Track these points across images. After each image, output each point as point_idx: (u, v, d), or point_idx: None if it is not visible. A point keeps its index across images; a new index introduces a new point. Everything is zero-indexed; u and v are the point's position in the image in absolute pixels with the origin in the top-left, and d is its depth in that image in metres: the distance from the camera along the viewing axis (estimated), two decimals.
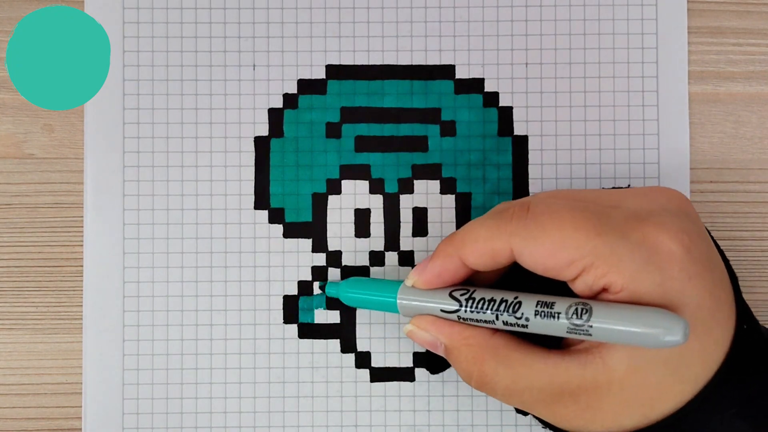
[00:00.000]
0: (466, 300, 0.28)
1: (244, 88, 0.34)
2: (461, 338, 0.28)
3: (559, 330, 0.26)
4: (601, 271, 0.25)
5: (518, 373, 0.26)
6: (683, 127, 0.34)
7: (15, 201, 0.34)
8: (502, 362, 0.27)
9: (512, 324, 0.27)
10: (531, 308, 0.26)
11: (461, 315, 0.28)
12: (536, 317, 0.26)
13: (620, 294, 0.25)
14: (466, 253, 0.27)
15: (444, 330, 0.28)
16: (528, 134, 0.34)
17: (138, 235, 0.33)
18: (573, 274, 0.26)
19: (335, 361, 0.33)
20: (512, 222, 0.26)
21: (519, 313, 0.26)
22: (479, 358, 0.27)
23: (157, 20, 0.34)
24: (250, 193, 0.33)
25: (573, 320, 0.25)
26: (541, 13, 0.34)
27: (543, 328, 0.26)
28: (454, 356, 0.28)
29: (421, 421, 0.33)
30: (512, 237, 0.26)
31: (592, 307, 0.25)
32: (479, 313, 0.27)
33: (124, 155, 0.33)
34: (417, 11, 0.34)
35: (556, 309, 0.26)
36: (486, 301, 0.27)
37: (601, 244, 0.25)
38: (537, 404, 0.27)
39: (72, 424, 0.33)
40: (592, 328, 0.25)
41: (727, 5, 0.34)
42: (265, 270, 0.33)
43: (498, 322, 0.27)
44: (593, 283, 0.25)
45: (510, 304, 0.27)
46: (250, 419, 0.33)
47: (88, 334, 0.33)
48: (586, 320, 0.25)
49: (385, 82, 0.34)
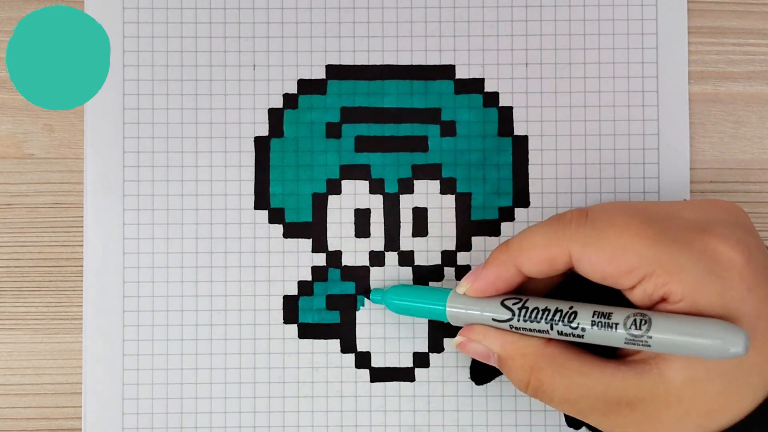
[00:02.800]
0: (519, 309, 0.27)
1: (244, 88, 0.34)
2: (515, 348, 0.27)
3: (616, 341, 0.25)
4: (662, 280, 0.25)
5: (575, 381, 0.26)
6: (683, 127, 0.34)
7: (15, 201, 0.34)
8: (559, 371, 0.26)
9: (567, 334, 0.26)
10: (587, 318, 0.26)
11: (513, 324, 0.27)
12: (593, 327, 0.26)
13: (679, 304, 0.25)
14: (523, 260, 0.27)
15: (497, 340, 0.28)
16: (528, 134, 0.34)
17: (138, 235, 0.33)
18: (632, 282, 0.25)
19: (335, 361, 0.33)
20: (571, 228, 0.26)
21: (575, 323, 0.26)
22: (535, 367, 0.27)
23: (157, 20, 0.34)
24: (250, 193, 0.33)
25: (631, 331, 0.25)
26: (541, 13, 0.34)
27: (599, 339, 0.26)
28: (509, 366, 0.28)
29: (421, 421, 0.33)
30: (571, 243, 0.26)
31: (651, 318, 0.25)
32: (533, 322, 0.27)
33: (124, 155, 0.33)
34: (417, 11, 0.34)
35: (613, 319, 0.25)
36: (540, 311, 0.27)
37: (662, 252, 0.25)
38: (593, 413, 0.26)
39: (72, 424, 0.33)
40: (651, 339, 0.24)
41: (727, 5, 0.34)
42: (265, 270, 0.33)
43: (552, 332, 0.27)
44: (653, 292, 0.25)
45: (565, 314, 0.26)
46: (250, 419, 0.33)
47: (88, 334, 0.33)
48: (646, 331, 0.24)
49: (385, 82, 0.34)
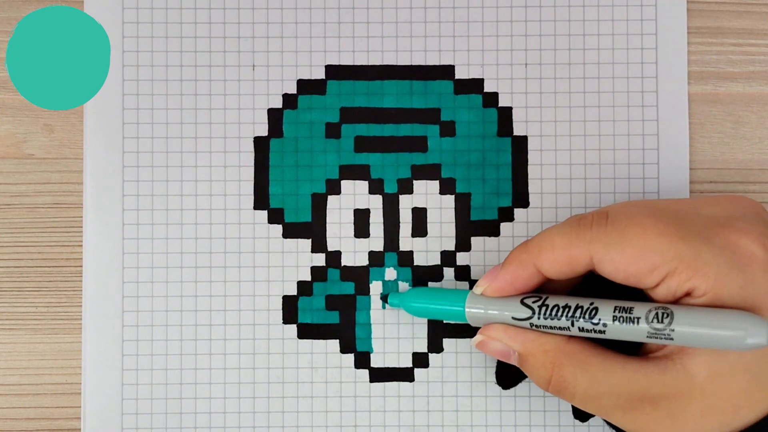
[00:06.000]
0: (539, 307, 0.27)
1: (244, 88, 0.34)
2: (536, 345, 0.27)
3: (638, 335, 0.25)
4: (685, 276, 0.25)
5: (597, 378, 0.26)
6: (683, 127, 0.34)
7: (15, 201, 0.34)
8: (580, 366, 0.26)
9: (588, 330, 0.26)
10: (608, 313, 0.26)
11: (534, 322, 0.27)
12: (614, 322, 0.26)
13: (703, 298, 0.25)
14: (542, 261, 0.27)
15: (517, 338, 0.28)
16: (527, 134, 0.34)
17: (137, 235, 0.33)
18: (655, 281, 0.25)
19: (334, 361, 0.33)
20: (592, 229, 0.26)
21: (596, 318, 0.26)
22: (557, 363, 0.27)
23: (156, 20, 0.34)
24: (250, 193, 0.33)
25: (653, 324, 0.25)
26: (541, 14, 0.34)
27: (621, 334, 0.26)
28: (530, 363, 0.28)
29: (421, 422, 0.33)
30: (592, 244, 0.26)
31: (673, 311, 0.25)
32: (553, 320, 0.27)
33: (123, 155, 0.33)
34: (417, 11, 0.34)
35: (635, 314, 0.25)
36: (560, 308, 0.27)
37: (684, 248, 0.25)
38: (615, 410, 0.26)
39: (72, 424, 0.33)
40: (674, 332, 0.24)
41: (727, 5, 0.34)
42: (264, 270, 0.33)
43: (573, 329, 0.26)
44: (677, 288, 0.25)
45: (586, 310, 0.26)
46: (250, 419, 0.33)
47: (87, 335, 0.33)
48: (668, 324, 0.25)
49: (385, 82, 0.34)
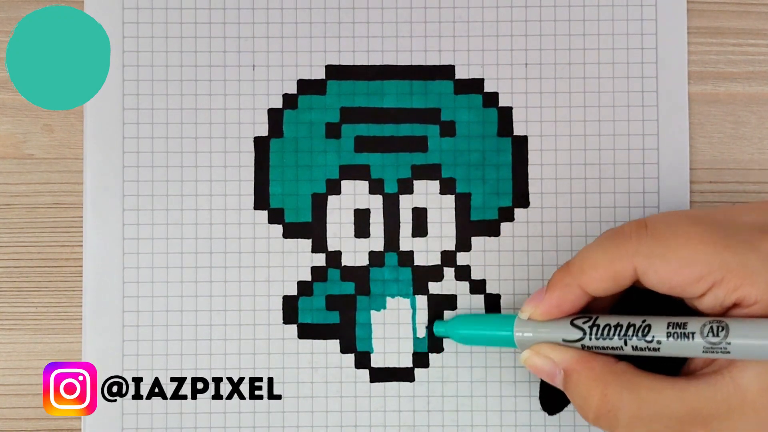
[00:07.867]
0: (590, 327, 0.27)
1: (244, 88, 0.34)
2: (583, 362, 0.27)
3: (694, 351, 0.25)
4: (733, 285, 0.24)
5: (645, 399, 0.25)
6: (683, 127, 0.34)
7: (15, 201, 0.34)
8: (627, 386, 0.26)
9: (642, 348, 0.26)
10: (662, 330, 0.25)
11: (585, 343, 0.27)
12: (669, 339, 0.25)
13: (754, 307, 0.24)
14: (586, 281, 0.26)
15: (565, 355, 0.27)
16: (528, 134, 0.34)
17: (138, 235, 0.33)
18: (701, 290, 0.25)
19: (335, 361, 0.33)
20: (632, 242, 0.26)
21: (649, 336, 0.25)
22: (603, 381, 0.26)
23: (156, 20, 0.34)
24: (250, 193, 0.33)
25: (709, 338, 0.24)
26: (541, 14, 0.34)
27: (676, 350, 0.25)
28: (574, 381, 0.27)
29: (421, 422, 0.33)
30: (635, 257, 0.25)
31: (728, 324, 0.24)
32: (605, 339, 0.26)
33: (123, 155, 0.33)
34: (417, 11, 0.34)
35: (689, 329, 0.25)
36: (612, 327, 0.26)
37: (730, 256, 0.24)
38: None
39: (72, 424, 0.33)
40: (730, 345, 0.24)
41: (727, 5, 0.34)
42: (264, 270, 0.33)
43: (627, 348, 0.26)
44: (725, 298, 0.24)
45: (639, 327, 0.26)
46: (249, 419, 0.33)
47: (88, 334, 0.33)
48: (724, 337, 0.24)
49: (385, 82, 0.34)
